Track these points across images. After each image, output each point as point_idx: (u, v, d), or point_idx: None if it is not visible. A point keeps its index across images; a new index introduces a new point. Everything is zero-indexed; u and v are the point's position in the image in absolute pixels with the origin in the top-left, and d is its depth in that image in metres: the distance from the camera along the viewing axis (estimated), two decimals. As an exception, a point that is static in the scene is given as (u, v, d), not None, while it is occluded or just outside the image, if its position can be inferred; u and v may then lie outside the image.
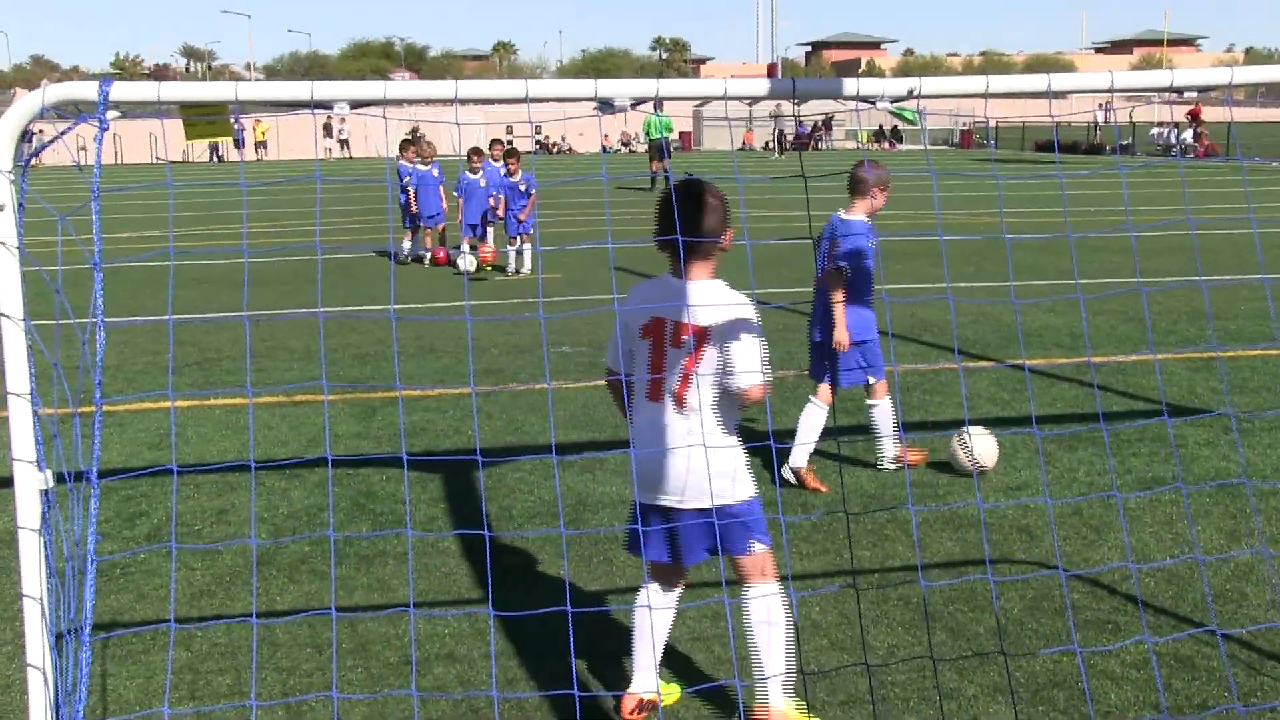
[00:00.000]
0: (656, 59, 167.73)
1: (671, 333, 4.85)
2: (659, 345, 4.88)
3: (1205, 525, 7.36)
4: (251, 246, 23.72)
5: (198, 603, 6.48)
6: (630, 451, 4.87)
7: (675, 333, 4.84)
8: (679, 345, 4.83)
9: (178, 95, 4.01)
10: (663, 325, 4.88)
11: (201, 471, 8.61)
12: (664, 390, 4.86)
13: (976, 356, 12.33)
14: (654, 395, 4.90)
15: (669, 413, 4.85)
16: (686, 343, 4.81)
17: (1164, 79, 4.57)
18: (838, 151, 71.29)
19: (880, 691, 5.33)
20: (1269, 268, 18.70)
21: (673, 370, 4.84)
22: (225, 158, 70.18)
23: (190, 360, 12.78)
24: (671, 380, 4.84)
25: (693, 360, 4.79)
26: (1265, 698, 5.22)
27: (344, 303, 16.63)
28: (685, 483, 4.82)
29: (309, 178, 12.37)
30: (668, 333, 4.86)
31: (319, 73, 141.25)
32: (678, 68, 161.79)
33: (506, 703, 5.29)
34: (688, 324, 4.82)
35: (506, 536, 7.36)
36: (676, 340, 4.84)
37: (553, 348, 13.16)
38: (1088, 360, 12.12)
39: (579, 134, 71.62)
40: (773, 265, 19.61)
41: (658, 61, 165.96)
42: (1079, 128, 66.44)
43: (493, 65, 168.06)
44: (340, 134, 72.57)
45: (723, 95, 4.19)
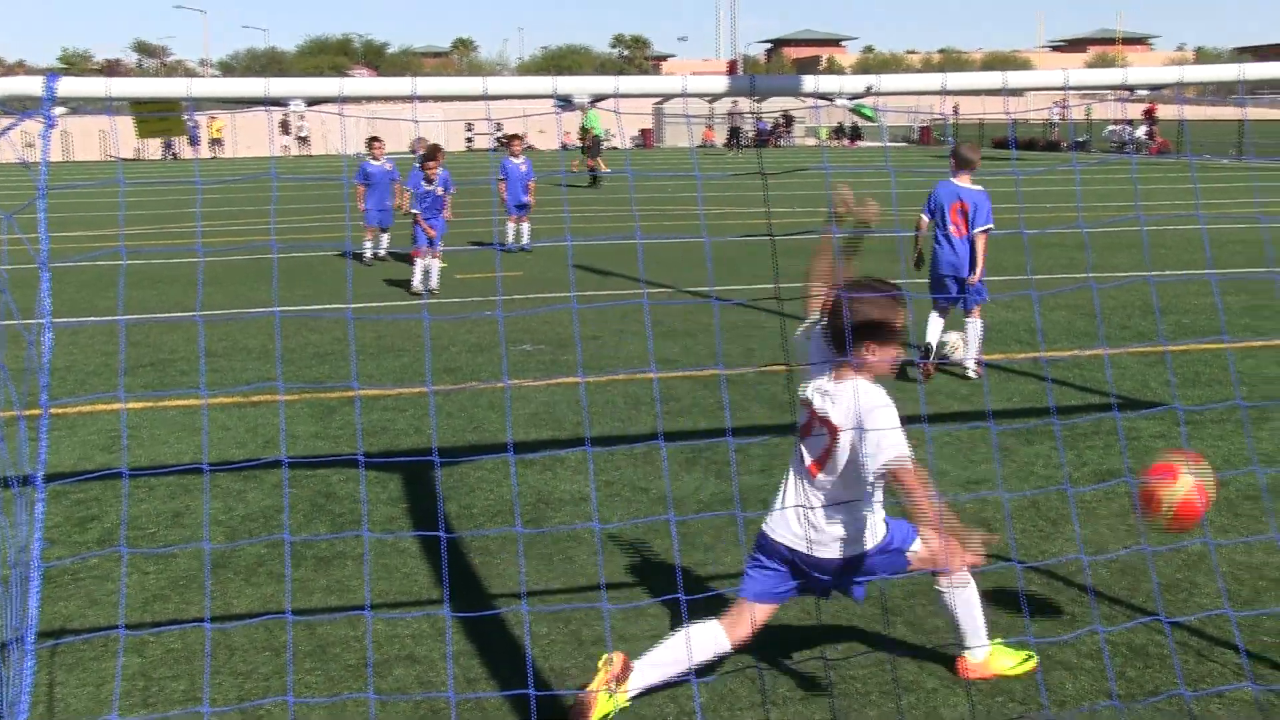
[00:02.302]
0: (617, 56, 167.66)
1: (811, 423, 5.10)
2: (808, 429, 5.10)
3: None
4: (207, 245, 23.57)
5: (151, 607, 6.41)
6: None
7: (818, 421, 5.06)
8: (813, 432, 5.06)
9: (128, 91, 3.97)
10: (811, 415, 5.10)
11: (155, 474, 8.54)
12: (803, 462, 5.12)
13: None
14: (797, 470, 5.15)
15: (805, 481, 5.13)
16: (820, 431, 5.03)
17: (1117, 77, 4.61)
18: (797, 149, 71.45)
19: (841, 685, 5.35)
20: (1218, 263, 18.85)
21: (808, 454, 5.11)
22: (180, 155, 69.68)
23: (144, 361, 12.68)
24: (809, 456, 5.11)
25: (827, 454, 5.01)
26: (1214, 683, 5.29)
27: (302, 302, 16.54)
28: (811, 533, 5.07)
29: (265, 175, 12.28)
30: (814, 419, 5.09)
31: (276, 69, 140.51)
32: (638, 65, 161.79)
33: (466, 703, 5.27)
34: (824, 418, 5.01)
35: (467, 536, 7.33)
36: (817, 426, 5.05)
37: (513, 346, 13.13)
38: (1040, 356, 12.19)
39: (540, 131, 71.49)
40: (732, 262, 19.63)
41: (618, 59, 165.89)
42: (1036, 125, 66.76)
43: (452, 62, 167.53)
44: (299, 131, 72.18)
45: (682, 92, 4.19)
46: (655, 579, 6.61)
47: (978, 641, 5.37)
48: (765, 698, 5.20)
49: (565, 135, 60.29)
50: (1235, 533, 7.12)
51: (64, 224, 27.34)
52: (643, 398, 10.62)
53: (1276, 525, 7.18)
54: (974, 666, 5.39)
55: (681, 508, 7.76)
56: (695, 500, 7.90)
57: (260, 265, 20.44)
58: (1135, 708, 5.10)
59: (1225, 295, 15.60)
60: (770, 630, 5.83)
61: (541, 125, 69.24)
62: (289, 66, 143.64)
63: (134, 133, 4.40)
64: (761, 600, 5.19)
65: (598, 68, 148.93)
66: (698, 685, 5.24)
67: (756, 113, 65.07)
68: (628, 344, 13.08)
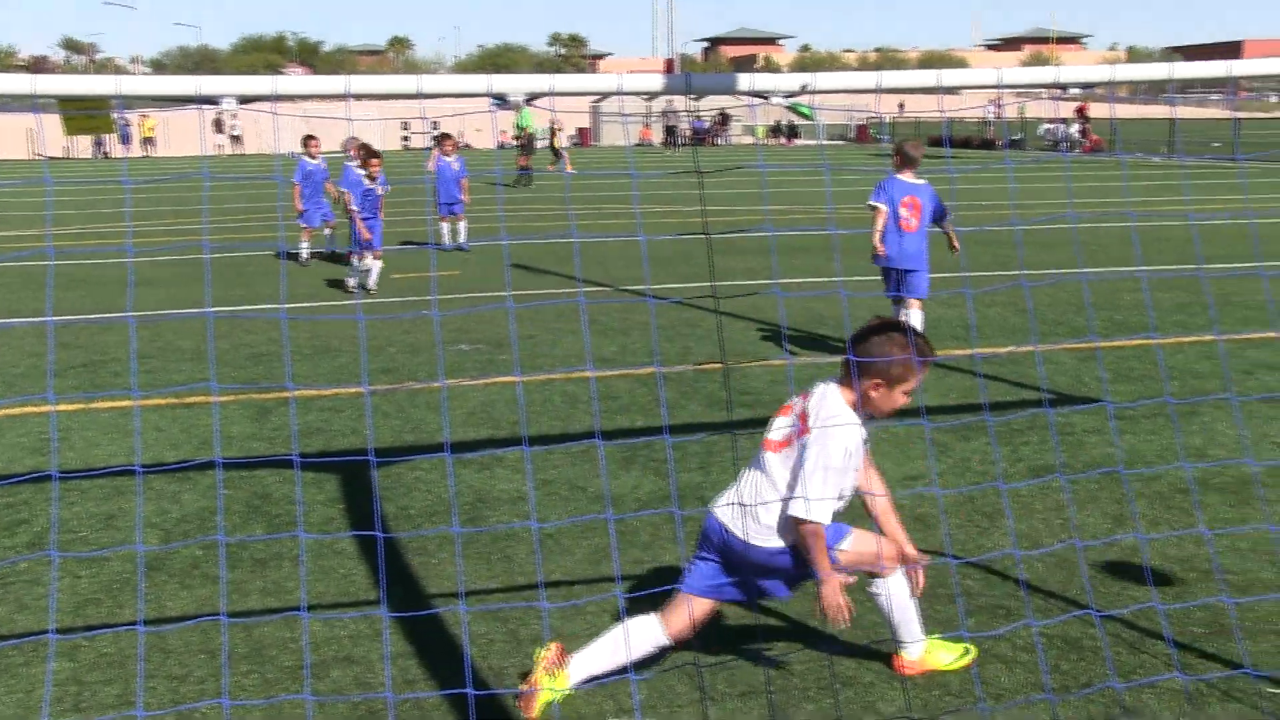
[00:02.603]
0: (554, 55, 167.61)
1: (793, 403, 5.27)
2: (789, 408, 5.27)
3: (1092, 510, 7.50)
4: (139, 245, 23.34)
5: (83, 611, 6.33)
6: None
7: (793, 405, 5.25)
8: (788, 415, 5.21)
9: (55, 88, 3.92)
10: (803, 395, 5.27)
11: (87, 476, 8.45)
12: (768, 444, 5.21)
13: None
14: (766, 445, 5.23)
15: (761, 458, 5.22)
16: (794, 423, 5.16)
17: (1049, 75, 4.65)
18: (734, 147, 71.62)
19: (779, 682, 5.37)
20: (1149, 260, 19.08)
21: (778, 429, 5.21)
22: (110, 154, 68.94)
23: (75, 362, 12.53)
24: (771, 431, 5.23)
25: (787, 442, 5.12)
26: (1145, 674, 5.35)
27: (236, 302, 16.41)
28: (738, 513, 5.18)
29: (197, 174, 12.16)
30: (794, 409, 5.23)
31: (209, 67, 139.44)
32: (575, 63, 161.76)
33: (404, 704, 5.24)
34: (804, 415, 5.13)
35: (404, 536, 7.30)
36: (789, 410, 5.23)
37: (449, 346, 13.08)
38: (975, 352, 12.28)
39: (476, 130, 71.29)
40: (668, 261, 19.66)
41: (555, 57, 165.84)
42: (971, 123, 67.26)
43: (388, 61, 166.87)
44: (232, 130, 71.62)
45: (618, 91, 4.19)
46: (593, 577, 6.61)
47: (913, 637, 5.40)
48: (704, 694, 5.21)
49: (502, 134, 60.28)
50: (1166, 526, 7.21)
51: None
52: (580, 396, 10.62)
53: (1205, 518, 7.28)
54: (910, 663, 5.42)
55: (619, 506, 7.77)
56: (633, 498, 7.91)
57: (193, 265, 20.26)
58: (1069, 699, 5.15)
59: (1156, 292, 15.79)
60: (709, 627, 5.85)
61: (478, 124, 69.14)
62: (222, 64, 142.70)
63: (62, 130, 4.34)
64: (698, 594, 5.20)
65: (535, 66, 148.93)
66: (636, 682, 5.25)
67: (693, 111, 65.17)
68: (565, 343, 13.07)
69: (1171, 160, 47.71)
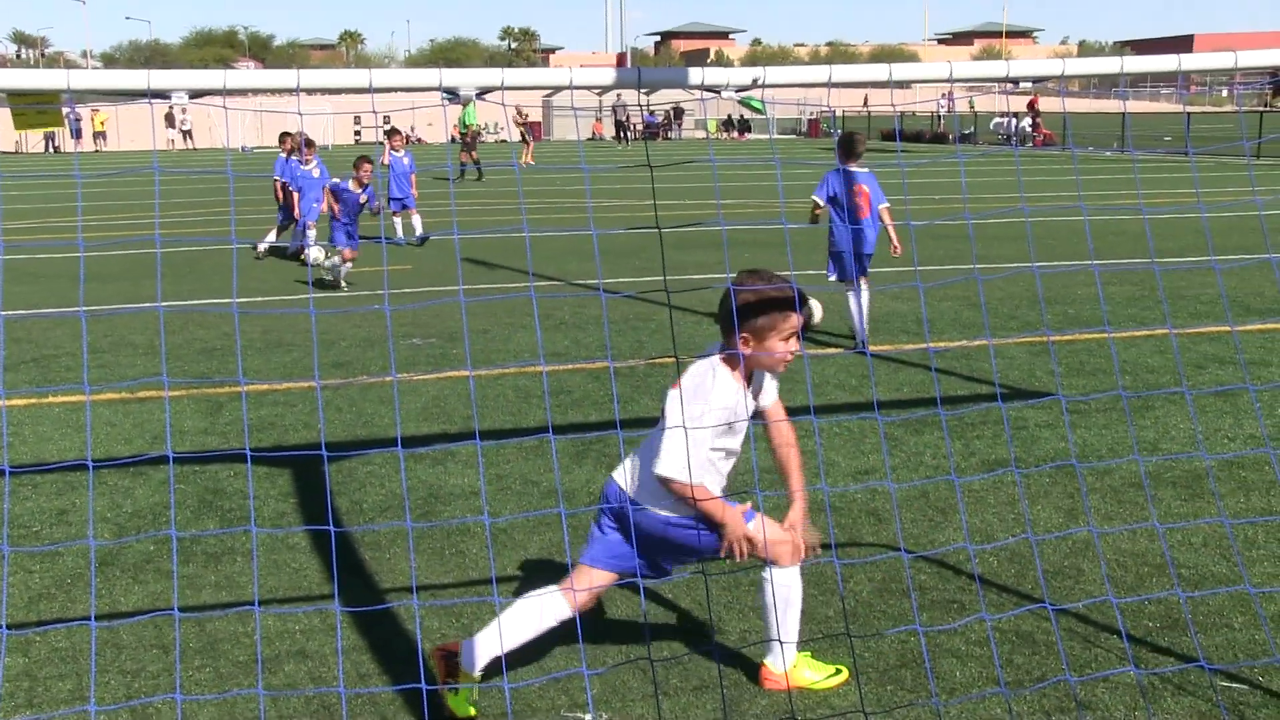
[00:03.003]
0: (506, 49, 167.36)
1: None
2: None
3: (1045, 505, 7.54)
4: (89, 239, 23.18)
5: (36, 606, 6.30)
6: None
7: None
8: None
9: (5, 83, 3.90)
10: None
11: (39, 471, 8.39)
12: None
13: (824, 344, 12.48)
14: None
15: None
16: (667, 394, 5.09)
17: (1000, 69, 4.68)
18: (686, 141, 71.68)
19: (731, 676, 5.38)
20: (1101, 254, 19.22)
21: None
22: (61, 148, 68.44)
23: (26, 357, 12.44)
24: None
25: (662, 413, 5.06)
26: (1098, 668, 5.37)
27: (188, 297, 16.32)
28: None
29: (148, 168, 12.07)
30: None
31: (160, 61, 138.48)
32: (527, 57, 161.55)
33: (358, 698, 5.24)
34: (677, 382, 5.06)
35: (357, 531, 7.28)
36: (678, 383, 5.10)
37: (401, 340, 13.05)
38: (928, 347, 12.35)
39: (428, 124, 71.12)
40: (620, 255, 19.67)
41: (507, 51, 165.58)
42: (923, 117, 67.57)
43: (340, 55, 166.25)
44: (183, 124, 71.19)
45: (569, 85, 4.19)
46: (546, 572, 6.61)
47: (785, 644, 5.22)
48: (657, 689, 5.22)
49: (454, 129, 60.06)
50: (1119, 520, 7.25)
51: (-59, 218, 26.73)
52: (533, 391, 10.62)
53: (1158, 513, 7.33)
54: (775, 676, 5.27)
55: (572, 500, 7.77)
56: (586, 493, 7.91)
57: (145, 260, 20.13)
58: (1022, 694, 5.17)
59: (1109, 286, 15.90)
60: (660, 620, 5.87)
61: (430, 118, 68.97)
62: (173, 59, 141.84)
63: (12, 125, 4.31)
64: (598, 565, 5.16)
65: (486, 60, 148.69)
66: (589, 676, 5.26)
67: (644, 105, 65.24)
68: (517, 337, 13.06)
69: (1123, 154, 48.05)
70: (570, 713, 5.11)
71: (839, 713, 5.07)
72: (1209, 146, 47.25)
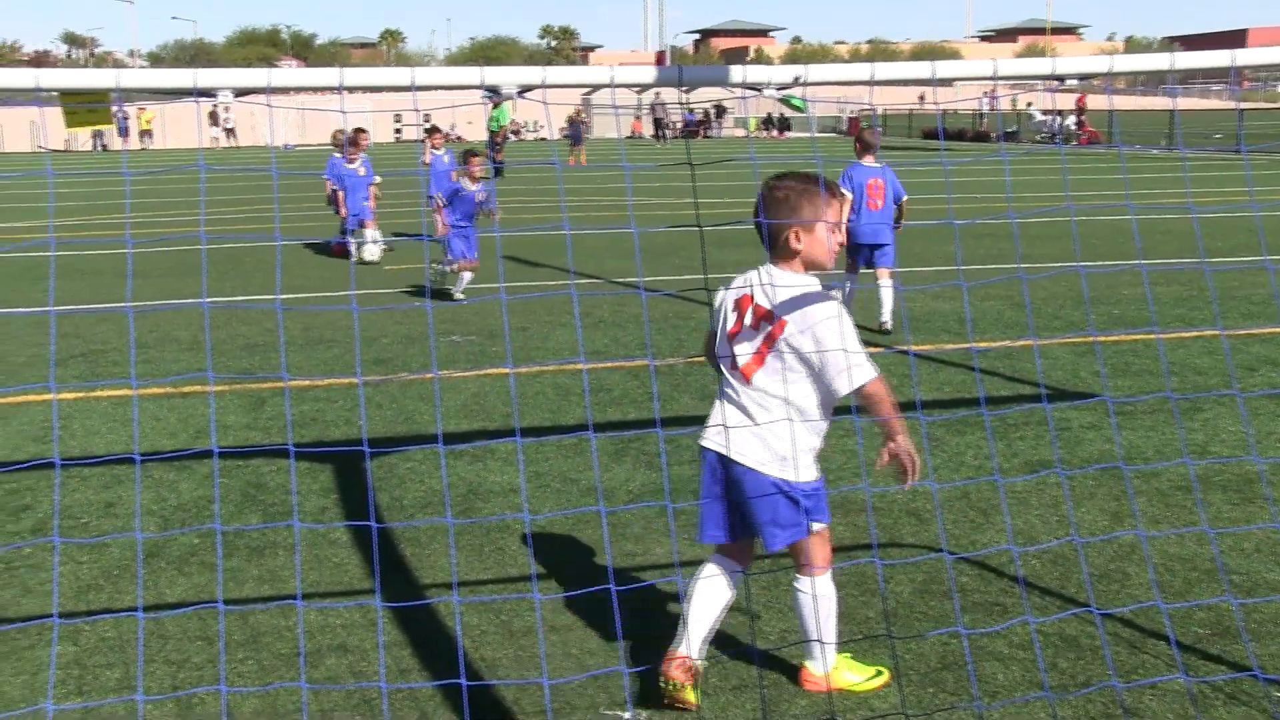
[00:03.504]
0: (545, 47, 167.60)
1: (753, 314, 4.96)
2: (740, 319, 4.99)
3: (1090, 507, 7.48)
4: (136, 236, 23.35)
5: (85, 596, 6.36)
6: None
7: (755, 316, 4.94)
8: (756, 327, 4.92)
9: (57, 82, 3.93)
10: (748, 303, 4.98)
11: (87, 464, 8.47)
12: (735, 364, 4.99)
13: (864, 343, 12.43)
14: (728, 363, 5.03)
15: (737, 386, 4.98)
16: (762, 328, 4.90)
17: (1045, 67, 4.65)
18: (726, 140, 71.58)
19: (771, 676, 5.37)
20: (1148, 253, 19.07)
21: (745, 348, 4.95)
22: (109, 146, 68.99)
23: (75, 352, 12.56)
24: (741, 357, 4.96)
25: (765, 348, 4.90)
26: (1145, 674, 5.31)
27: (232, 293, 16.42)
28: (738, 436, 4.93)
29: (194, 166, 12.17)
30: (749, 311, 4.97)
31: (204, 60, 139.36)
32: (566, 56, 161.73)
33: (398, 693, 5.26)
34: (768, 312, 4.90)
35: (397, 527, 7.31)
36: (755, 323, 4.94)
37: (442, 337, 13.09)
38: (970, 346, 12.30)
39: (468, 122, 71.28)
40: (660, 254, 19.66)
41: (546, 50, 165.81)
42: (965, 115, 67.25)
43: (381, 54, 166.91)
44: (226, 123, 71.65)
45: (610, 83, 4.20)
46: (585, 570, 6.63)
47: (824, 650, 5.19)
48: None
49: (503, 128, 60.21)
50: (1167, 524, 7.16)
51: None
52: (572, 389, 10.63)
53: (1208, 517, 7.25)
54: (817, 678, 5.23)
55: (611, 499, 7.78)
56: (625, 491, 7.92)
57: (190, 256, 20.26)
58: (1067, 699, 5.12)
59: (1156, 286, 15.78)
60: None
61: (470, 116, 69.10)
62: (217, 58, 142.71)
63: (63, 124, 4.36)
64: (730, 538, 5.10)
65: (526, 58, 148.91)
66: (628, 675, 5.26)
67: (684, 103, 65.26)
68: (557, 335, 13.08)
69: (1172, 152, 47.66)
70: (609, 710, 5.12)
71: (880, 715, 5.05)
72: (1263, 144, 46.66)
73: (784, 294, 4.88)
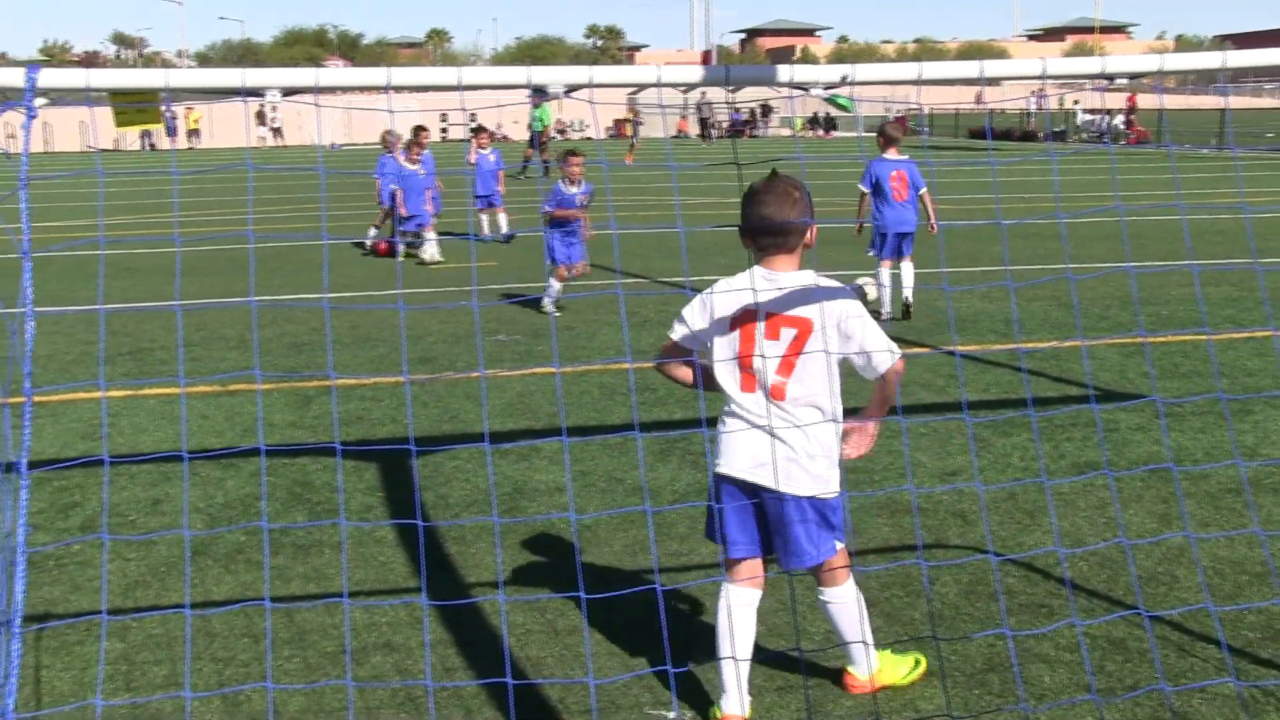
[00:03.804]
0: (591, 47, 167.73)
1: (767, 326, 4.77)
2: (749, 338, 4.79)
3: (1138, 509, 7.42)
4: (184, 235, 23.52)
5: (133, 593, 6.42)
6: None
7: (771, 325, 4.77)
8: (777, 337, 4.78)
9: (107, 82, 3.96)
10: (754, 316, 4.78)
11: (135, 461, 8.53)
12: (759, 383, 4.80)
13: (911, 343, 12.40)
14: (748, 387, 4.83)
15: (764, 404, 4.81)
16: (785, 334, 4.77)
17: (1095, 66, 4.61)
18: (772, 139, 71.43)
19: (815, 677, 5.36)
20: (1198, 254, 18.92)
21: (769, 362, 4.77)
22: (157, 146, 69.49)
23: (124, 350, 12.66)
24: (766, 373, 4.79)
25: (794, 352, 4.75)
26: (1195, 678, 5.26)
27: (278, 291, 16.51)
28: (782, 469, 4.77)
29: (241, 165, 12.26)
30: (761, 326, 4.77)
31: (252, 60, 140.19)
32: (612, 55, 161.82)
33: (443, 691, 5.28)
34: (788, 315, 4.78)
35: (443, 525, 7.33)
36: (774, 332, 4.77)
37: (488, 336, 13.12)
38: (1017, 347, 12.22)
39: (514, 122, 71.36)
40: (706, 253, 19.64)
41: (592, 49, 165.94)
42: (1012, 115, 66.87)
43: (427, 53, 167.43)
44: (273, 122, 72.06)
45: (657, 83, 4.19)
46: (631, 569, 6.63)
47: (862, 652, 5.13)
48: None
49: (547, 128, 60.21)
50: (1216, 526, 7.10)
51: (45, 214, 27.23)
52: (618, 388, 10.63)
53: (1259, 519, 7.19)
54: (861, 681, 5.19)
55: (657, 498, 7.78)
56: (670, 490, 7.92)
57: (237, 255, 20.38)
58: (1114, 702, 5.09)
59: (1206, 286, 15.65)
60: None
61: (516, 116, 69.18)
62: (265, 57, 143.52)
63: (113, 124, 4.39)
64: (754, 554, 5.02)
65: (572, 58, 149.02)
66: (673, 675, 5.25)
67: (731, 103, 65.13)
68: (602, 334, 13.09)
69: (1222, 151, 47.25)
70: (654, 710, 5.12)
71: (925, 716, 5.04)
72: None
73: (799, 294, 4.79)
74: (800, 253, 4.88)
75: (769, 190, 4.82)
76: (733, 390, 4.86)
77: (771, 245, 4.83)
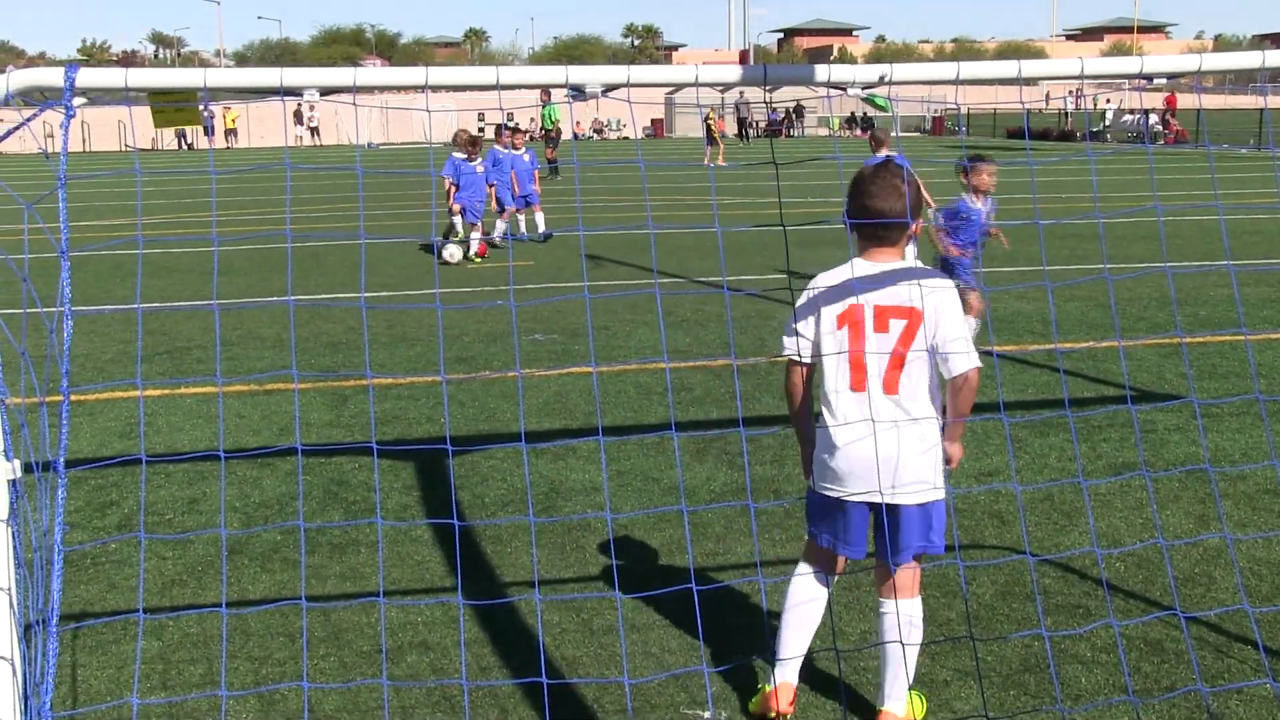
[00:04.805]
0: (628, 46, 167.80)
1: (875, 318, 4.67)
2: (858, 332, 4.69)
3: (1175, 510, 7.38)
4: (221, 234, 23.62)
5: (169, 592, 6.45)
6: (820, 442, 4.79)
7: (879, 317, 4.67)
8: (885, 329, 4.66)
9: (145, 82, 3.97)
10: (860, 310, 4.68)
11: (172, 461, 8.58)
12: (868, 379, 4.69)
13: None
14: (857, 385, 4.71)
15: (877, 401, 4.69)
16: (894, 326, 4.65)
17: (1133, 65, 4.58)
18: (809, 139, 71.30)
19: (852, 677, 5.35)
20: (1236, 254, 18.79)
21: (879, 357, 4.67)
22: (195, 145, 69.87)
23: (161, 349, 12.72)
24: (878, 367, 4.68)
25: (905, 344, 4.63)
26: (1232, 679, 5.24)
27: (315, 291, 16.56)
28: (897, 475, 4.69)
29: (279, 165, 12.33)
30: (869, 318, 4.68)
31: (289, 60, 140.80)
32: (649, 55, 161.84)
33: (479, 690, 5.28)
34: (895, 306, 4.66)
35: (479, 525, 7.34)
36: (882, 325, 4.67)
37: (524, 336, 13.14)
38: (1055, 347, 12.16)
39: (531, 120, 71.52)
40: (743, 252, 19.62)
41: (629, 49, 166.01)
42: (1050, 115, 66.55)
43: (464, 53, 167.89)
44: (310, 121, 72.37)
45: (694, 82, 4.19)
46: (666, 569, 6.63)
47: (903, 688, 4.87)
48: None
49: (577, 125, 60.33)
50: (1254, 527, 7.07)
51: (83, 213, 27.44)
52: (654, 388, 10.63)
53: (1293, 519, 7.14)
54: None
55: (693, 498, 7.77)
56: (707, 490, 7.91)
57: (274, 254, 20.47)
58: (1151, 703, 5.07)
59: (1244, 287, 15.54)
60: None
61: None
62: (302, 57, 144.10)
63: (151, 123, 4.40)
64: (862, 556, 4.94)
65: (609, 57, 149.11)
66: (709, 675, 5.25)
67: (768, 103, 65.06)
68: (639, 334, 13.09)
69: (1261, 151, 46.90)
70: (690, 710, 5.11)
71: (961, 716, 5.02)
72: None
73: (908, 282, 4.65)
74: (904, 245, 4.80)
75: (875, 180, 4.73)
76: (841, 388, 4.73)
77: (874, 237, 4.76)
